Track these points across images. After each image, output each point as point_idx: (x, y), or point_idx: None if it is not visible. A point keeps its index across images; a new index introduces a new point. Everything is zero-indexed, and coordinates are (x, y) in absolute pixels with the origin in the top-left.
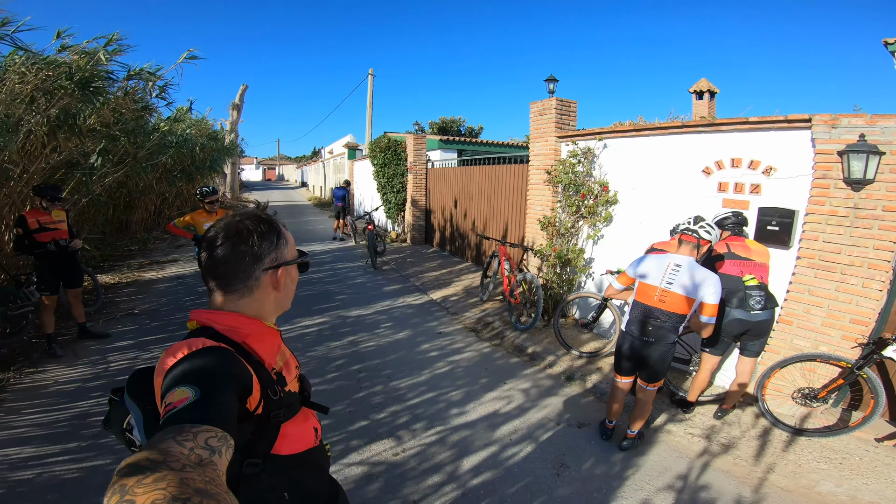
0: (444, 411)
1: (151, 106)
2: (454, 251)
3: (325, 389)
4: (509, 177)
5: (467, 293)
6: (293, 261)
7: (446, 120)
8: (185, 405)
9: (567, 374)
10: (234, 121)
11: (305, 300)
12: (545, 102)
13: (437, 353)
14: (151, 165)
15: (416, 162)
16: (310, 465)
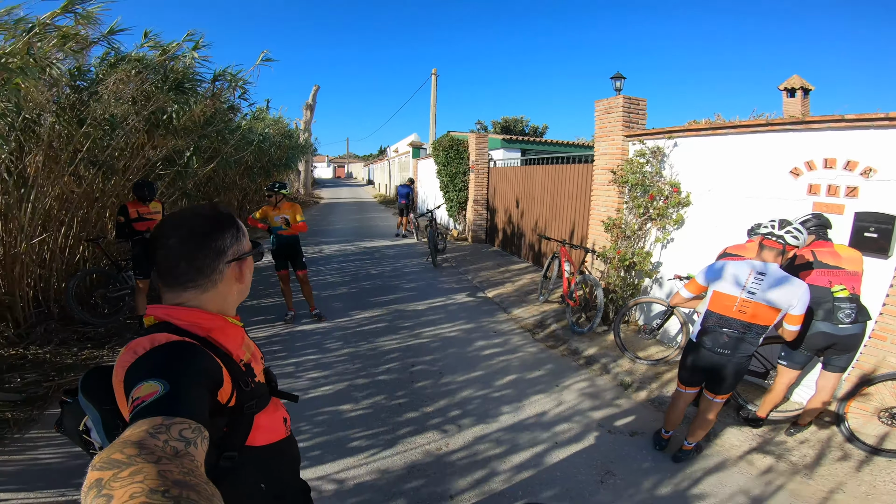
0: (493, 409)
1: (236, 106)
2: (513, 251)
3: (379, 381)
4: (572, 177)
5: (525, 293)
6: (251, 252)
7: (509, 119)
8: (154, 399)
9: (624, 379)
10: (307, 120)
11: (366, 293)
12: (611, 100)
13: (490, 351)
14: (235, 161)
15: (478, 161)
16: (284, 455)
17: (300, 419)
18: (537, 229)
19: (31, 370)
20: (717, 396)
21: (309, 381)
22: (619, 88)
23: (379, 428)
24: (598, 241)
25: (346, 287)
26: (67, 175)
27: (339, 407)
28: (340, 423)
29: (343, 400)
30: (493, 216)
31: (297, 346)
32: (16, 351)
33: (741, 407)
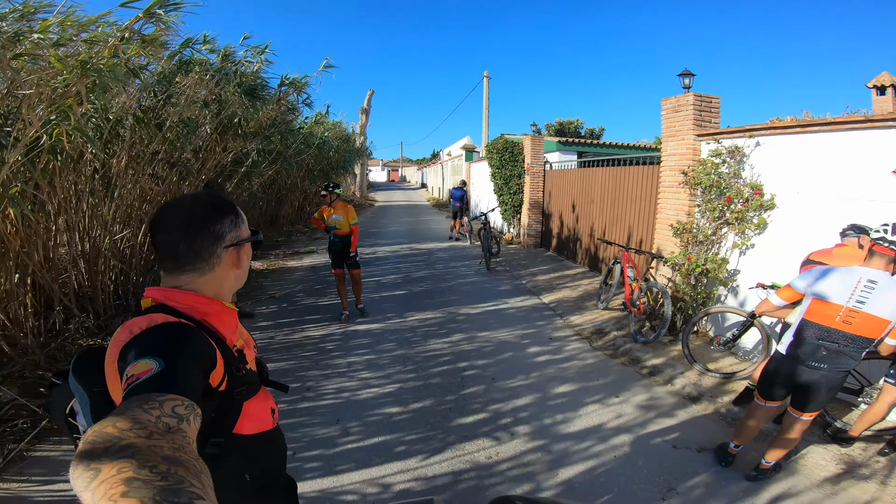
0: (546, 418)
1: (298, 111)
2: (570, 255)
3: (430, 384)
4: (635, 179)
5: (582, 299)
6: (250, 238)
7: (564, 122)
8: (149, 376)
9: (691, 392)
10: (363, 124)
11: (419, 295)
12: (680, 98)
13: (545, 358)
14: (297, 163)
15: (533, 164)
16: (271, 446)
17: (351, 419)
18: (596, 233)
19: None
20: (804, 414)
21: (360, 382)
22: (689, 86)
23: (428, 432)
24: (666, 247)
25: (399, 289)
26: (147, 175)
27: (388, 409)
28: (389, 426)
29: (393, 402)
30: (548, 220)
31: (350, 346)
32: (94, 341)
33: (828, 424)
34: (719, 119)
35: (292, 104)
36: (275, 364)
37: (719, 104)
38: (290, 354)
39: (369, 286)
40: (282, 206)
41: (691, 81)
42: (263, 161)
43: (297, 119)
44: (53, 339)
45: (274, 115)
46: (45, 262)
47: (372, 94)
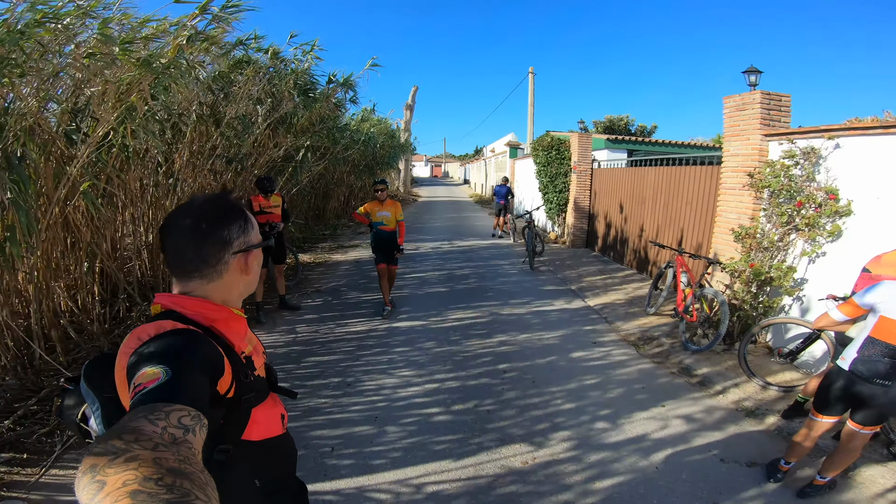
0: (586, 425)
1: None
2: (617, 257)
3: (469, 385)
4: (692, 179)
5: (629, 303)
6: (260, 244)
7: (613, 118)
8: (156, 385)
9: (745, 405)
10: (407, 120)
11: (461, 293)
12: (745, 96)
13: (588, 363)
14: (343, 159)
15: (580, 162)
16: (280, 452)
17: (388, 417)
18: (647, 236)
19: None
20: (864, 428)
21: (399, 379)
22: (755, 83)
23: (464, 434)
24: (725, 252)
25: (441, 286)
26: (206, 169)
27: (427, 408)
28: (426, 426)
29: (431, 402)
30: (594, 219)
31: (392, 343)
32: None
33: (891, 442)
34: (790, 118)
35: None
36: (317, 358)
37: (790, 103)
38: (333, 349)
39: (412, 283)
40: (329, 200)
41: (758, 79)
42: (312, 157)
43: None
44: (117, 326)
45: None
46: (112, 252)
47: (416, 91)
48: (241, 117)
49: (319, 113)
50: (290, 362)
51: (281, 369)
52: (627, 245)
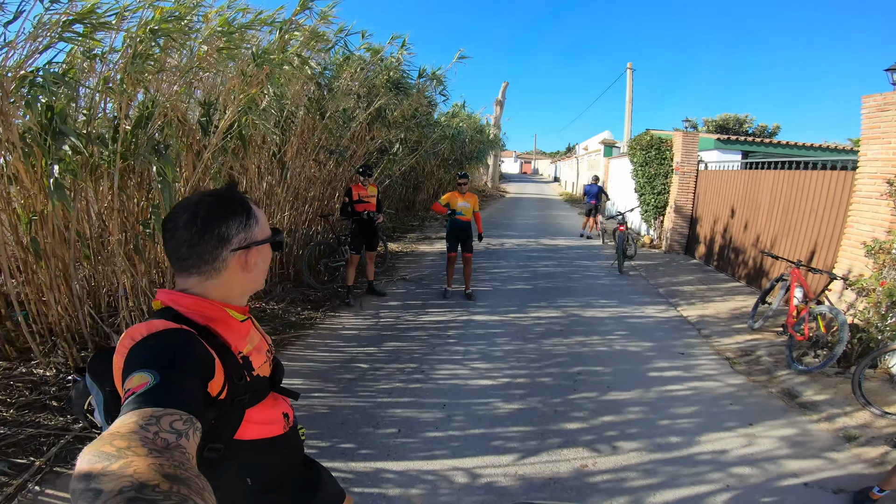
0: (659, 436)
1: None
2: (721, 266)
3: (540, 382)
4: (818, 185)
5: (730, 316)
6: (265, 240)
7: (727, 117)
8: (145, 390)
9: (851, 432)
10: (497, 115)
11: (543, 292)
12: (887, 96)
13: (672, 374)
14: (434, 153)
15: (684, 162)
16: (277, 451)
17: (456, 406)
18: (760, 245)
19: (266, 322)
20: None
21: (471, 371)
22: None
23: (528, 429)
24: (854, 267)
25: (523, 283)
26: (311, 160)
27: (494, 402)
28: (491, 419)
29: (500, 396)
30: (696, 224)
31: (468, 335)
32: (259, 305)
33: None
34: None
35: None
36: (396, 343)
37: None
38: (412, 336)
39: (495, 277)
40: (418, 192)
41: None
42: (404, 150)
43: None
44: None
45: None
46: None
47: (506, 86)
48: (342, 111)
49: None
50: (372, 345)
51: (362, 352)
52: (735, 254)
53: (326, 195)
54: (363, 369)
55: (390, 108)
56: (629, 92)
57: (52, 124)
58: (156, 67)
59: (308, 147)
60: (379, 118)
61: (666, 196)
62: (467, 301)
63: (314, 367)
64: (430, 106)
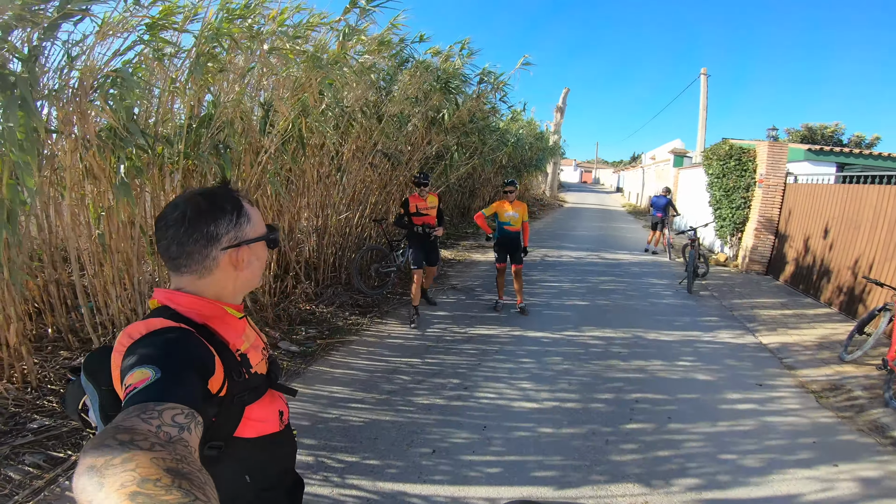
0: (723, 474)
1: (495, 107)
2: (810, 290)
3: (591, 409)
4: None
5: (819, 347)
6: (256, 238)
7: (813, 127)
8: (146, 385)
9: None
10: (557, 122)
11: (601, 309)
12: None
13: (745, 407)
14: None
15: (769, 174)
16: (274, 449)
17: (497, 429)
18: (857, 268)
19: (314, 325)
20: None
21: (517, 392)
22: None
23: (572, 462)
24: None
25: (580, 298)
26: (367, 164)
27: (538, 428)
28: (533, 446)
29: (545, 420)
30: (782, 243)
31: (517, 352)
32: (310, 306)
33: None
34: None
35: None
36: (441, 356)
37: None
38: (458, 350)
39: (549, 291)
40: (474, 199)
41: None
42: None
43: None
44: (282, 300)
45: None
46: (288, 233)
47: (567, 93)
48: (399, 115)
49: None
50: (416, 356)
51: (405, 362)
52: (826, 277)
53: (381, 199)
54: (404, 381)
55: (448, 112)
56: (703, 99)
57: (123, 123)
58: (217, 68)
59: (365, 150)
60: (436, 123)
61: (746, 211)
62: (519, 316)
63: (355, 376)
64: (490, 111)
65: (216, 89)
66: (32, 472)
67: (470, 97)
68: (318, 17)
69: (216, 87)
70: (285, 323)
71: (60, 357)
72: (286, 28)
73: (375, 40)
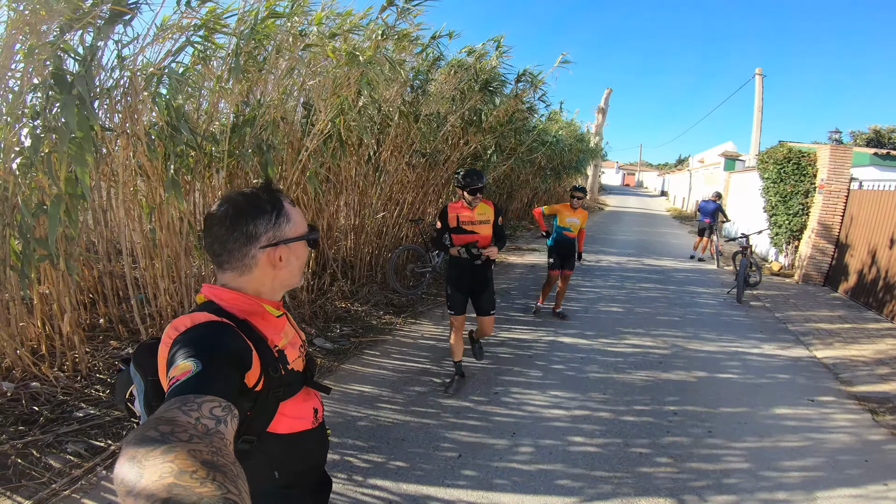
0: (764, 492)
1: (534, 107)
2: (874, 304)
3: (625, 420)
4: None
5: (879, 362)
6: (296, 238)
7: (881, 130)
8: (188, 377)
9: None
10: (598, 124)
11: (641, 317)
12: None
13: (793, 423)
14: (529, 161)
15: (831, 180)
16: (305, 446)
17: (526, 436)
18: None
19: (349, 323)
20: None
21: (547, 399)
22: None
23: (602, 473)
24: None
25: (619, 305)
26: (404, 164)
27: (568, 436)
28: (563, 455)
29: (576, 430)
30: (843, 252)
31: (551, 358)
32: (345, 304)
33: None
34: None
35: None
36: (471, 360)
37: None
38: (490, 353)
39: (589, 296)
40: (512, 201)
41: None
42: (498, 156)
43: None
44: (319, 297)
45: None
46: (326, 232)
47: (609, 93)
48: (435, 114)
49: (507, 111)
50: (447, 357)
51: (437, 364)
52: (892, 290)
53: (418, 199)
54: (435, 384)
55: (485, 112)
56: (758, 100)
57: (173, 121)
58: (257, 66)
59: (402, 150)
60: (473, 123)
61: (804, 218)
62: (556, 320)
63: (385, 377)
64: (528, 111)
65: (260, 90)
66: (73, 460)
67: (508, 97)
68: (356, 17)
69: (260, 88)
70: (321, 320)
71: (110, 347)
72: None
73: (399, 35)
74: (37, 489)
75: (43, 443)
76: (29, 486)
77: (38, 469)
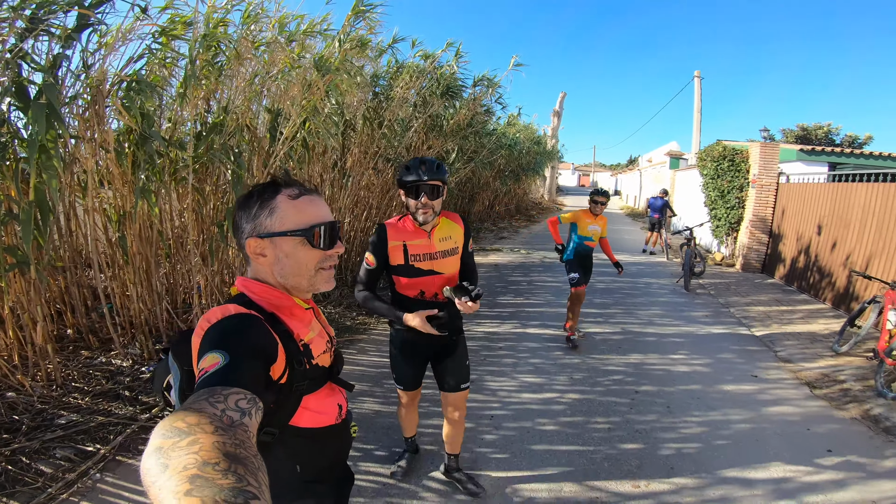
0: (715, 460)
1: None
2: (804, 287)
3: (591, 400)
4: None
5: (811, 340)
6: (279, 233)
7: (808, 127)
8: (216, 369)
9: None
10: (554, 127)
11: (600, 308)
12: None
13: (741, 397)
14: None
15: (762, 175)
16: (328, 441)
17: (501, 418)
18: (849, 264)
19: None
20: None
21: (518, 384)
22: None
23: (572, 448)
24: None
25: None
26: (370, 168)
27: (539, 418)
28: (535, 435)
29: (546, 411)
30: (776, 241)
31: (520, 348)
32: None
33: None
34: None
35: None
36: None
37: None
38: None
39: (550, 291)
40: (474, 203)
41: None
42: (459, 160)
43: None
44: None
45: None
46: None
47: (564, 97)
48: (399, 120)
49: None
50: None
51: None
52: (820, 274)
53: (384, 203)
54: None
55: (446, 116)
56: (697, 101)
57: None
58: (215, 73)
59: (367, 156)
60: (435, 127)
61: (740, 211)
62: (518, 314)
63: (365, 372)
64: (486, 114)
65: (227, 95)
66: (64, 465)
67: (466, 101)
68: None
69: (228, 93)
70: None
71: (82, 356)
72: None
73: (355, 40)
74: (33, 494)
75: (30, 449)
76: (24, 492)
77: (31, 475)
